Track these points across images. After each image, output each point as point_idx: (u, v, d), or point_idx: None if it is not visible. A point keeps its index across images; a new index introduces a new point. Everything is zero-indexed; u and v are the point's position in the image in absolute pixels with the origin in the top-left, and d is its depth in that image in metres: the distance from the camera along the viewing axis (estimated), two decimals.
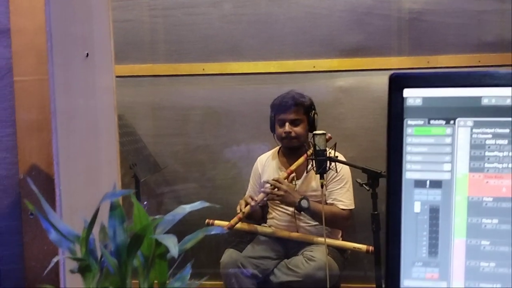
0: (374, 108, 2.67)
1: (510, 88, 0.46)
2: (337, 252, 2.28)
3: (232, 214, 2.36)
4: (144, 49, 2.85)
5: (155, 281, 0.53)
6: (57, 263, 0.71)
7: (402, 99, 0.48)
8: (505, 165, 0.48)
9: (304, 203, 2.14)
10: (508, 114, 0.47)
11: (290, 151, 2.34)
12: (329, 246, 2.15)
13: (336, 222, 2.24)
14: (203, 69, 2.80)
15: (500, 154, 0.48)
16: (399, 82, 0.47)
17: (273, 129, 2.37)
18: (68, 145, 0.80)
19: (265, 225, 2.42)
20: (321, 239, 2.20)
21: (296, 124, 2.27)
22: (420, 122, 0.49)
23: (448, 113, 0.48)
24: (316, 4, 2.70)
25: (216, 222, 2.33)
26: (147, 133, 2.79)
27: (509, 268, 0.50)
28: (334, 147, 2.00)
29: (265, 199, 2.23)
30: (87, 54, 0.88)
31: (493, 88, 0.47)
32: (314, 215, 2.19)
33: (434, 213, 0.50)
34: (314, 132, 2.02)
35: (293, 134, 2.25)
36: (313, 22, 2.71)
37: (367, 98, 2.69)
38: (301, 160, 2.21)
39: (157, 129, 2.85)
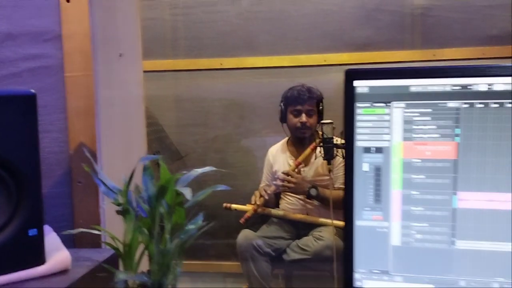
0: None
1: (430, 79, 0.64)
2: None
3: (248, 198, 2.56)
4: (166, 45, 3.05)
5: (176, 223, 0.73)
6: (98, 214, 0.92)
7: (353, 88, 0.66)
8: (428, 135, 0.66)
9: (313, 191, 2.32)
10: (429, 98, 0.65)
11: (298, 140, 2.51)
12: (336, 227, 2.33)
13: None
14: (221, 64, 2.99)
15: (424, 127, 0.66)
16: (351, 75, 0.66)
17: (283, 120, 2.54)
18: (108, 127, 1.00)
19: (278, 209, 2.61)
20: (328, 221, 2.38)
21: (310, 115, 2.44)
22: (367, 104, 0.67)
23: (387, 98, 0.66)
24: (327, 1, 2.85)
25: (233, 206, 2.51)
26: (169, 124, 2.99)
27: (433, 211, 0.68)
28: (341, 135, 2.16)
29: (277, 191, 2.41)
30: (120, 54, 1.08)
31: (418, 79, 0.64)
32: (323, 200, 2.36)
33: (377, 171, 0.68)
34: (322, 121, 2.19)
35: (308, 124, 2.42)
36: (324, 18, 2.86)
37: None
38: (307, 151, 2.39)
39: (178, 120, 3.05)
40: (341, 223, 2.44)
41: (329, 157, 2.15)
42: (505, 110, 0.63)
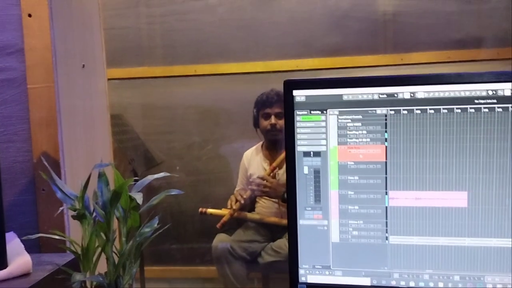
0: None
1: (360, 88, 0.70)
2: None
3: (224, 203, 2.60)
4: (141, 53, 3.08)
5: (131, 226, 0.77)
6: (63, 219, 0.96)
7: (292, 97, 0.72)
8: (359, 139, 0.72)
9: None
10: (360, 106, 0.71)
11: (272, 144, 2.56)
12: None
13: None
14: (195, 70, 3.02)
15: (357, 132, 0.72)
16: (290, 85, 0.71)
17: (256, 125, 2.59)
18: (70, 136, 1.04)
19: (253, 212, 2.66)
20: None
21: (280, 117, 2.50)
22: (305, 112, 0.72)
23: (322, 105, 0.72)
24: (296, 9, 2.92)
25: (209, 210, 2.55)
26: (144, 131, 3.02)
27: (367, 209, 0.73)
28: None
29: (252, 195, 2.46)
30: (83, 65, 1.13)
31: (350, 89, 0.70)
32: None
33: (317, 173, 0.73)
34: None
35: (278, 126, 2.47)
36: (295, 26, 2.93)
37: None
38: (282, 156, 2.45)
39: (153, 127, 3.08)
40: None
41: None
42: (427, 116, 0.69)
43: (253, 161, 2.64)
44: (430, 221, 0.71)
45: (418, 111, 0.69)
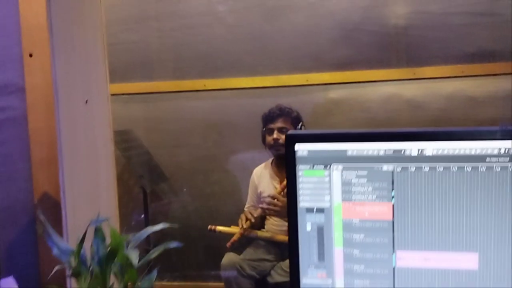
0: (364, 117, 2.85)
1: (366, 142, 0.66)
2: None
3: (232, 217, 2.58)
4: (150, 67, 3.08)
5: (129, 282, 0.75)
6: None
7: (294, 151, 0.69)
8: (365, 196, 0.68)
9: None
10: (365, 161, 0.67)
11: (281, 161, 2.53)
12: None
13: None
14: (204, 85, 3.01)
15: (362, 189, 0.68)
16: (292, 138, 0.68)
17: (264, 141, 2.57)
18: (72, 175, 1.03)
19: (264, 230, 2.63)
20: None
21: (283, 132, 2.46)
22: (307, 166, 0.69)
23: (326, 160, 0.69)
24: (305, 22, 2.89)
25: (218, 228, 2.53)
26: (153, 146, 3.01)
27: (373, 269, 0.70)
28: None
29: (263, 214, 2.43)
30: (87, 101, 1.11)
31: (354, 143, 0.67)
32: None
33: (320, 230, 0.70)
34: None
35: (281, 141, 2.43)
36: (304, 39, 2.90)
37: (357, 109, 2.87)
38: None
39: (162, 142, 3.07)
40: None
41: None
42: (436, 174, 0.65)
43: (263, 179, 2.61)
44: (439, 283, 0.67)
45: (427, 169, 0.65)
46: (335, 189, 0.69)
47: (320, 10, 2.87)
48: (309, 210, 0.70)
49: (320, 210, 0.70)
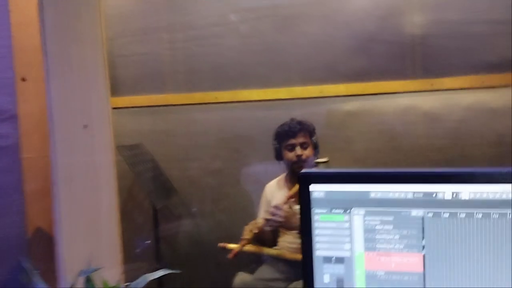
0: (381, 130, 2.74)
1: (392, 184, 0.58)
2: None
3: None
4: (161, 79, 3.01)
5: None
6: None
7: (309, 193, 0.60)
8: (392, 245, 0.60)
9: None
10: (391, 205, 0.59)
11: (296, 176, 2.43)
12: None
13: None
14: (216, 97, 2.94)
15: (388, 236, 0.60)
16: (306, 178, 0.60)
17: (279, 157, 2.48)
18: (69, 207, 0.95)
19: (276, 247, 2.53)
20: None
21: (305, 147, 2.38)
22: (324, 210, 0.61)
23: (345, 203, 0.60)
24: (319, 32, 2.80)
25: (229, 245, 2.44)
26: (163, 159, 2.94)
27: None
28: None
29: (266, 228, 2.31)
30: (85, 125, 1.03)
31: (378, 185, 0.58)
32: None
33: (340, 283, 0.61)
34: (317, 160, 2.12)
35: (304, 157, 2.34)
36: (318, 50, 2.81)
37: (374, 121, 2.76)
38: (297, 187, 2.32)
39: (173, 155, 2.99)
40: None
41: None
42: (474, 221, 0.56)
43: (276, 194, 2.52)
44: None
45: (463, 215, 0.56)
46: (356, 237, 0.60)
47: (335, 20, 2.78)
48: (327, 259, 0.61)
49: (340, 260, 0.61)
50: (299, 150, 2.36)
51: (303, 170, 0.60)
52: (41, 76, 0.92)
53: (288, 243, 2.46)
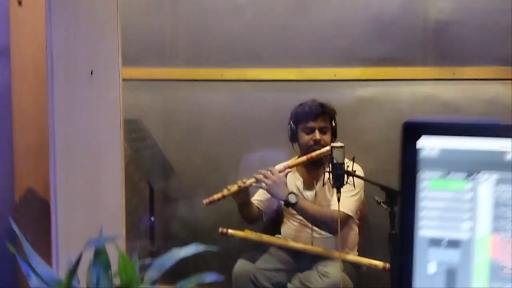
0: (396, 120, 2.57)
1: None
2: (352, 268, 2.22)
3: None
4: (164, 52, 2.84)
5: None
6: None
7: (416, 149, 0.43)
8: None
9: (292, 198, 2.12)
10: None
11: (310, 161, 2.28)
12: (344, 261, 2.09)
13: (327, 223, 2.12)
14: (222, 75, 2.77)
15: None
16: (413, 130, 0.42)
17: (294, 139, 2.32)
18: (67, 167, 0.76)
19: (279, 236, 2.38)
20: (336, 254, 2.15)
21: (324, 132, 2.24)
22: (437, 175, 0.43)
23: (470, 166, 0.43)
24: (336, 12, 2.64)
25: (230, 231, 2.30)
26: (163, 138, 2.77)
27: None
28: (353, 161, 1.93)
29: (254, 184, 2.19)
30: (92, 71, 0.85)
31: None
32: (303, 213, 2.15)
33: (451, 276, 0.44)
34: (333, 144, 1.95)
35: (322, 142, 2.20)
36: (335, 31, 2.65)
37: (389, 110, 2.61)
38: (302, 159, 2.20)
39: (173, 134, 2.82)
40: (351, 257, 2.22)
41: (339, 184, 1.91)
42: None
43: (286, 178, 2.36)
44: None
45: None
46: (481, 213, 0.43)
47: (355, 1, 2.61)
48: (435, 242, 0.44)
49: (454, 244, 0.44)
50: (317, 135, 2.21)
51: (409, 118, 0.42)
52: (41, 1, 0.73)
53: (292, 230, 2.31)
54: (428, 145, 0.43)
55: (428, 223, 0.44)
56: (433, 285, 0.44)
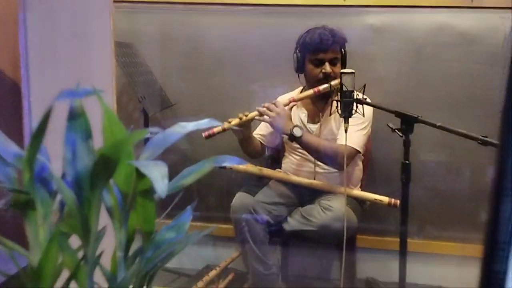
0: (408, 50, 2.42)
1: None
2: (356, 203, 2.13)
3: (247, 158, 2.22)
4: None
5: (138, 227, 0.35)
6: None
7: None
8: None
9: (297, 131, 1.99)
10: None
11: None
12: (348, 196, 1.99)
13: (333, 158, 2.01)
14: None
15: None
16: None
17: (300, 70, 2.15)
18: (43, 39, 0.60)
19: (280, 170, 2.27)
20: (340, 189, 2.04)
21: (335, 63, 2.08)
22: None
23: None
24: None
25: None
26: (158, 65, 2.59)
27: None
28: (363, 89, 1.77)
29: (256, 118, 2.06)
30: None
31: None
32: (308, 147, 2.03)
33: None
34: (342, 70, 1.78)
35: (332, 74, 2.06)
36: None
37: (401, 39, 2.43)
38: (309, 92, 2.07)
39: (169, 62, 2.65)
40: (356, 192, 2.11)
41: (347, 114, 1.75)
42: None
43: (290, 110, 2.21)
44: None
45: None
46: None
47: None
48: None
49: None
50: (328, 67, 2.05)
51: None
52: None
53: (294, 165, 2.20)
54: None
55: None
56: None
